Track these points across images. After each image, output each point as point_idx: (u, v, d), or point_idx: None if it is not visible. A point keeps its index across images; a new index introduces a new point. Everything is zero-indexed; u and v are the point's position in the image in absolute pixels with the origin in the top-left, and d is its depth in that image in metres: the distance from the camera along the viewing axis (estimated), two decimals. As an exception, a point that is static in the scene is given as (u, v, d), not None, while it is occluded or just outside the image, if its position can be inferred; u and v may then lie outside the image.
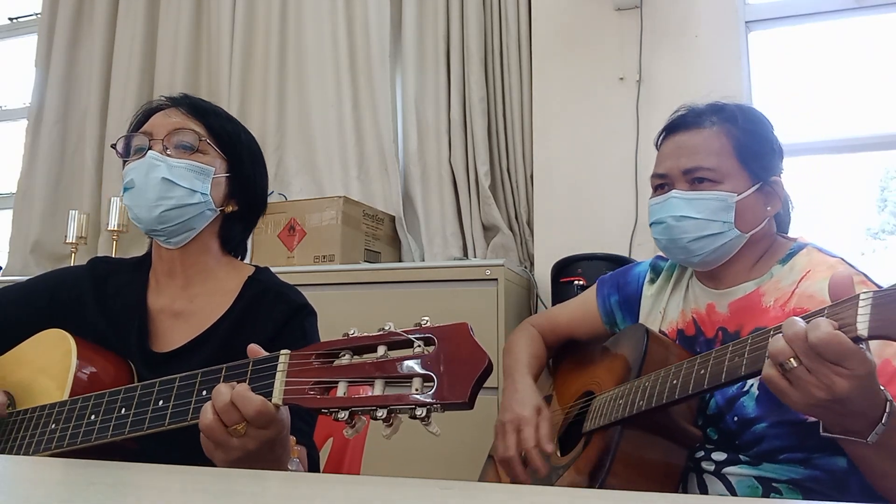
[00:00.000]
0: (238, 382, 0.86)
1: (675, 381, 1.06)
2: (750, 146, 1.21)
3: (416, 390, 0.75)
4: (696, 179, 1.20)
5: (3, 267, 3.33)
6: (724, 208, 1.18)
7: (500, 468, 1.29)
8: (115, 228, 2.97)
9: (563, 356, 1.50)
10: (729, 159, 1.20)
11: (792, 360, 0.86)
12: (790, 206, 1.29)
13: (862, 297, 0.83)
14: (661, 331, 1.30)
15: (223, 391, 0.84)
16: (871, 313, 0.81)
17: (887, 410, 0.88)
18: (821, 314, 0.87)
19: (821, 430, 0.93)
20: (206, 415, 0.85)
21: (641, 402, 1.11)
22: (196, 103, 1.22)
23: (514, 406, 1.30)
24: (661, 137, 1.30)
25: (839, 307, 0.86)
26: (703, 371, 1.02)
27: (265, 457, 0.87)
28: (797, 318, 0.88)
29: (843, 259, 1.16)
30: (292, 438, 0.94)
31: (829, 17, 2.43)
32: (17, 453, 1.01)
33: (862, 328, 0.82)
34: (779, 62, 2.49)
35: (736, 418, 1.13)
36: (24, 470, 0.72)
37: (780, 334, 0.88)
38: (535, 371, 1.42)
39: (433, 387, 0.75)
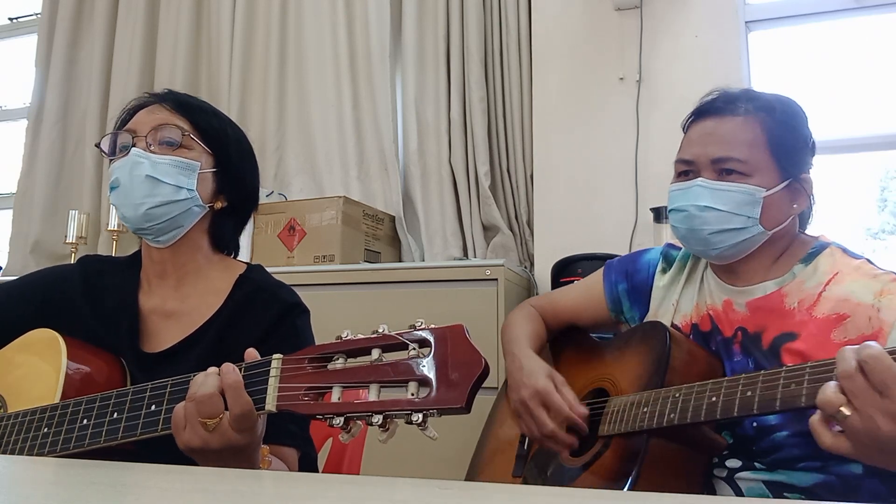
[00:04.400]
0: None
1: (713, 399, 1.00)
2: (784, 140, 1.15)
3: (412, 395, 0.74)
4: (724, 170, 1.14)
5: (3, 267, 3.33)
6: (751, 203, 1.13)
7: (541, 444, 1.24)
8: (115, 228, 2.97)
9: (565, 344, 1.44)
10: (761, 152, 1.13)
11: (843, 408, 0.82)
12: (812, 203, 1.23)
13: None
14: (673, 324, 1.26)
15: (212, 384, 0.85)
16: None
17: None
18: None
19: None
20: (191, 390, 0.86)
21: (673, 416, 1.04)
22: (180, 99, 1.19)
23: (526, 380, 1.24)
24: (689, 121, 1.24)
25: None
26: (749, 393, 0.96)
27: (227, 462, 0.87)
28: (849, 348, 0.84)
29: (868, 260, 1.12)
30: (264, 448, 0.93)
31: (829, 17, 2.43)
32: None
33: None
34: (779, 62, 2.49)
35: (755, 424, 1.09)
36: (23, 470, 0.72)
37: (829, 383, 0.84)
38: (536, 346, 1.36)
39: (430, 391, 0.73)
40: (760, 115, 1.16)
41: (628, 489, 1.06)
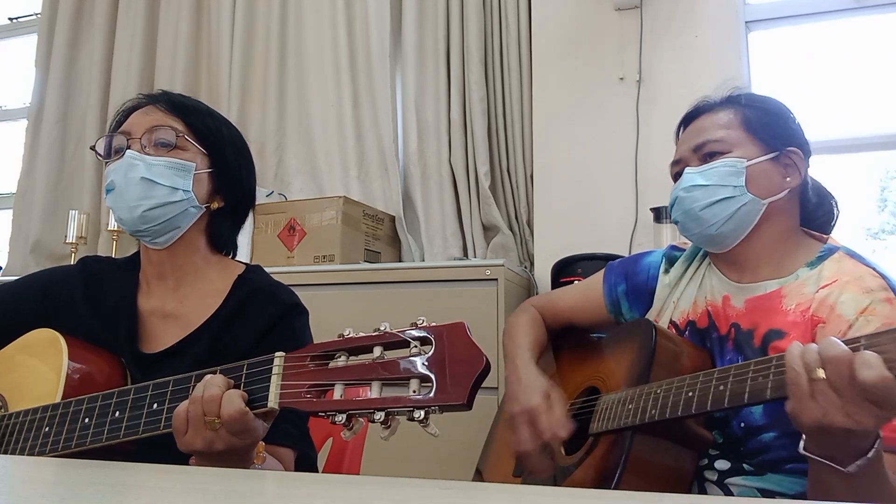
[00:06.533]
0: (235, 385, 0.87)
1: (690, 394, 1.02)
2: (757, 118, 1.22)
3: (414, 392, 0.75)
4: (706, 154, 1.22)
5: (3, 267, 3.33)
6: (734, 173, 1.18)
7: (518, 460, 1.26)
8: (115, 228, 2.97)
9: (564, 342, 1.46)
10: (736, 130, 1.21)
11: (820, 370, 0.83)
12: (835, 208, 1.27)
13: None
14: (671, 321, 1.27)
15: (218, 384, 0.85)
16: None
17: (875, 446, 0.86)
18: (858, 342, 0.83)
19: (801, 448, 0.90)
20: (196, 392, 0.86)
21: (654, 412, 1.07)
22: (174, 99, 1.19)
23: (521, 396, 1.26)
24: (679, 130, 1.32)
25: (879, 338, 0.82)
26: (722, 388, 0.98)
27: (228, 462, 0.87)
28: (838, 343, 0.84)
29: (875, 269, 1.11)
30: (259, 444, 0.93)
31: (829, 17, 2.43)
32: None
33: None
34: (779, 62, 2.49)
35: (742, 425, 1.10)
36: (23, 470, 0.72)
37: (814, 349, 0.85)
38: (538, 354, 1.38)
39: (431, 388, 0.74)
40: (732, 105, 1.25)
41: (614, 486, 1.07)
